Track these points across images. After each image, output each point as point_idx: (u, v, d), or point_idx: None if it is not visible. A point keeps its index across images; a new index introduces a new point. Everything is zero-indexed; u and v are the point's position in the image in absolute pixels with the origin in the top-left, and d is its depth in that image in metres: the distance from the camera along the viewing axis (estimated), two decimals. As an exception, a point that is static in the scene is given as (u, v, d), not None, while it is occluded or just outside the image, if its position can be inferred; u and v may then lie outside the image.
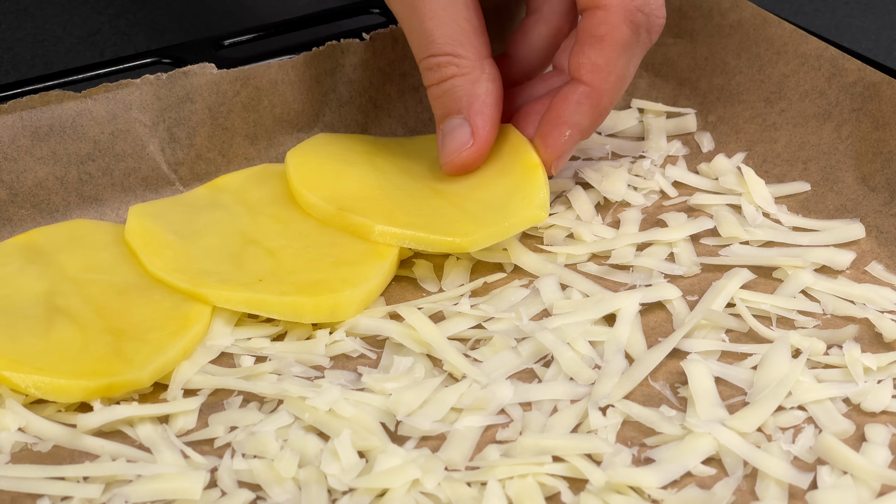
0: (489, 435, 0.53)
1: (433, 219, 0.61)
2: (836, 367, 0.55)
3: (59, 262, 0.60)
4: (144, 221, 0.62)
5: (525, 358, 0.56)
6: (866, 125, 0.65)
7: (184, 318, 0.57)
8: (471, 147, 0.62)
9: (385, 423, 0.53)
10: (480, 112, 0.62)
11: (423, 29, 0.62)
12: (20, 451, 0.53)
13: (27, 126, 0.63)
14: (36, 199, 0.63)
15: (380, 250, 0.61)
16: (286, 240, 0.61)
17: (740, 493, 0.50)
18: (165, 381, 0.55)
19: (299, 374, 0.56)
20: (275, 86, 0.67)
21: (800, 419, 0.53)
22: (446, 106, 0.62)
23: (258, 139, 0.68)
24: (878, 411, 0.53)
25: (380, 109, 0.70)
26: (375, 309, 0.59)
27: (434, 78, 0.62)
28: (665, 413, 0.53)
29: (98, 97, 0.64)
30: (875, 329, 0.58)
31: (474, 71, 0.62)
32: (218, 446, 0.52)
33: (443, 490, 0.50)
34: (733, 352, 0.56)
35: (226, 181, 0.65)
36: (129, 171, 0.65)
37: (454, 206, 0.62)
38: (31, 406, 0.54)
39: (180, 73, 0.66)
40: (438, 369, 0.56)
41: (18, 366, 0.54)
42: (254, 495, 0.50)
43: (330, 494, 0.50)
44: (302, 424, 0.53)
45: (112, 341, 0.56)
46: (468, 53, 0.62)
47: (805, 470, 0.51)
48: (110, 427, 0.53)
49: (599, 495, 0.49)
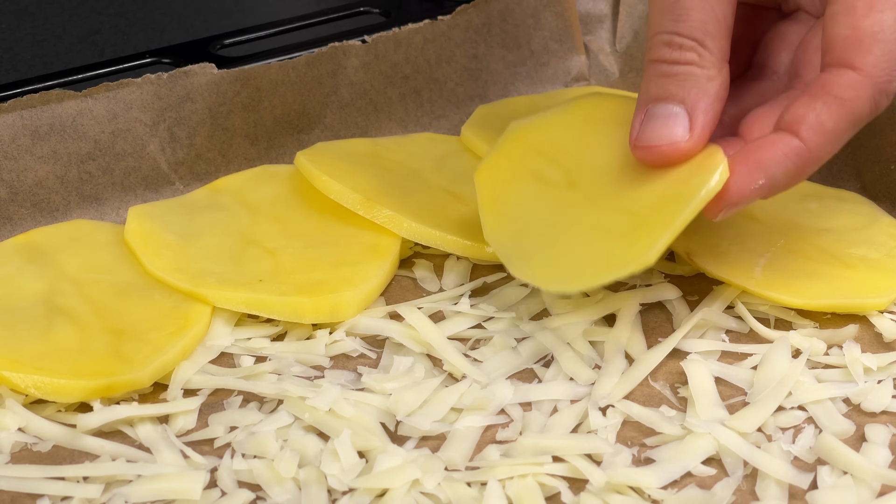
0: (489, 435, 0.53)
1: (458, 224, 0.61)
2: (836, 367, 0.56)
3: (59, 262, 0.60)
4: (144, 222, 0.62)
5: (525, 358, 0.56)
6: (864, 133, 0.65)
7: (184, 318, 0.57)
8: (686, 143, 0.54)
9: (385, 423, 0.53)
10: (706, 112, 0.55)
11: (679, 3, 0.55)
12: (20, 451, 0.52)
13: (27, 125, 0.63)
14: (36, 198, 0.63)
15: (380, 250, 0.61)
16: (286, 240, 0.61)
17: (740, 493, 0.50)
18: (165, 381, 0.55)
19: (299, 374, 0.56)
20: (275, 86, 0.67)
21: (800, 419, 0.53)
22: (668, 88, 0.55)
23: (258, 140, 0.68)
24: (878, 411, 0.53)
25: (380, 112, 0.70)
26: (375, 309, 0.59)
27: (669, 56, 0.55)
28: (665, 413, 0.53)
29: (98, 96, 0.64)
30: (875, 329, 0.58)
31: (713, 69, 0.55)
32: (218, 446, 0.52)
33: (443, 490, 0.50)
34: (733, 352, 0.56)
35: (225, 182, 0.65)
36: (129, 171, 0.65)
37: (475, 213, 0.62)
38: (31, 406, 0.54)
39: (181, 72, 0.66)
40: (438, 369, 0.56)
41: (18, 366, 0.54)
42: (254, 495, 0.50)
43: (330, 494, 0.50)
44: (302, 424, 0.53)
45: (112, 341, 0.56)
46: (715, 49, 0.55)
47: (805, 470, 0.51)
48: (110, 427, 0.53)
49: (599, 495, 0.49)
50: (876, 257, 0.60)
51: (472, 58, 0.72)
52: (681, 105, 0.55)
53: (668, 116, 0.55)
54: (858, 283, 0.58)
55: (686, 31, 0.55)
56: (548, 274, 0.55)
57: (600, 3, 0.76)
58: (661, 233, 0.53)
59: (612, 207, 0.55)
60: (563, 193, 0.57)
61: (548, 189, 0.57)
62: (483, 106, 0.71)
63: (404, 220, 0.61)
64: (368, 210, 0.61)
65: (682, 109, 0.55)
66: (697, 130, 0.54)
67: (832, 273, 0.59)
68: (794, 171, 0.54)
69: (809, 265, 0.59)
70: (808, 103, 0.53)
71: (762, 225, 0.61)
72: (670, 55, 0.55)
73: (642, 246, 0.53)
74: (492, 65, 0.73)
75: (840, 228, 0.61)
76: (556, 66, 0.75)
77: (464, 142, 0.68)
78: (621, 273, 0.53)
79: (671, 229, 0.53)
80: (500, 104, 0.71)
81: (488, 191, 0.58)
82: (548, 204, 0.57)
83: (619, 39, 0.76)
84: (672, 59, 0.55)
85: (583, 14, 0.76)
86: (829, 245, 0.60)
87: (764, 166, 0.53)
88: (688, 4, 0.55)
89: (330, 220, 0.62)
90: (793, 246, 0.60)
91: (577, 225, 0.55)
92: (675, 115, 0.55)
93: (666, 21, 0.55)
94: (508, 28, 0.73)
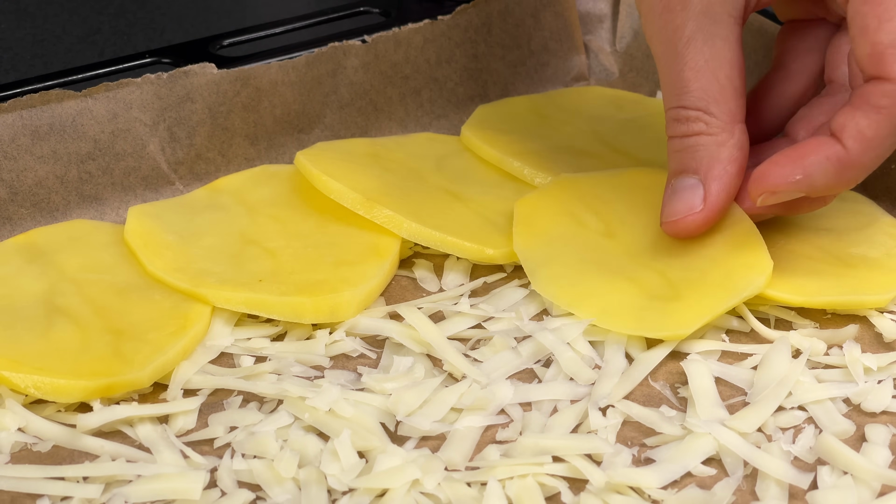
0: (489, 435, 0.53)
1: (459, 225, 0.61)
2: (837, 368, 0.56)
3: (59, 262, 0.60)
4: (144, 222, 0.62)
5: (525, 358, 0.56)
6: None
7: (183, 318, 0.57)
8: (699, 213, 0.57)
9: (385, 423, 0.53)
10: (719, 178, 0.57)
11: (680, 77, 0.58)
12: (20, 451, 0.52)
13: (27, 125, 0.63)
14: (36, 197, 0.63)
15: (380, 250, 0.61)
16: (286, 240, 0.61)
17: (740, 493, 0.50)
18: (165, 381, 0.55)
19: (299, 374, 0.55)
20: (275, 86, 0.67)
21: (800, 419, 0.53)
22: (684, 162, 0.58)
23: (258, 139, 0.68)
24: (879, 411, 0.53)
25: (380, 112, 0.70)
26: (375, 309, 0.59)
27: (679, 130, 0.58)
28: (665, 413, 0.53)
29: (98, 96, 0.64)
30: (875, 329, 0.58)
31: (723, 133, 0.57)
32: (218, 446, 0.52)
33: (443, 490, 0.50)
34: (733, 352, 0.56)
35: (225, 183, 0.65)
36: (129, 171, 0.65)
37: (476, 214, 0.62)
38: (30, 406, 0.54)
39: (180, 72, 0.66)
40: (438, 369, 0.56)
41: (18, 366, 0.54)
42: (254, 495, 0.50)
43: (330, 494, 0.50)
44: (302, 424, 0.53)
45: (112, 341, 0.56)
46: (721, 113, 0.57)
47: (805, 470, 0.51)
48: (110, 427, 0.53)
49: (599, 495, 0.49)
50: (876, 256, 0.60)
51: (472, 58, 0.72)
52: (695, 176, 0.57)
53: (685, 189, 0.58)
54: (859, 281, 0.58)
55: (690, 103, 0.57)
56: (572, 299, 0.57)
57: (600, 3, 0.76)
58: (702, 315, 0.56)
59: (646, 265, 0.58)
60: (599, 239, 0.60)
61: (584, 231, 0.60)
62: (483, 106, 0.71)
63: (404, 220, 0.61)
64: (368, 210, 0.61)
65: (697, 180, 0.57)
66: (711, 198, 0.57)
67: (832, 272, 0.59)
68: (833, 173, 0.55)
69: (810, 264, 0.59)
70: (849, 112, 0.55)
71: (762, 225, 0.61)
72: (680, 129, 0.58)
73: (680, 318, 0.56)
74: (492, 65, 0.73)
75: (840, 228, 0.61)
76: (556, 65, 0.75)
77: (464, 142, 0.68)
78: (655, 335, 0.56)
79: (711, 315, 0.56)
80: (500, 104, 0.71)
81: (525, 217, 0.61)
82: (582, 242, 0.60)
83: (619, 39, 0.76)
84: (682, 132, 0.58)
85: (583, 14, 0.76)
86: (830, 245, 0.60)
87: (804, 164, 0.55)
88: (687, 77, 0.57)
89: (330, 220, 0.62)
90: (793, 246, 0.60)
91: (608, 267, 0.58)
92: (691, 186, 0.58)
93: (671, 97, 0.58)
94: (508, 28, 0.73)
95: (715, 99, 0.57)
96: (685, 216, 0.58)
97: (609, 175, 0.63)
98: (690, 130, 0.58)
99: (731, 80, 0.57)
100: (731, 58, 0.57)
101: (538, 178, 0.65)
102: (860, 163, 0.55)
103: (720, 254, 0.58)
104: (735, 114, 0.58)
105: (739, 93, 0.58)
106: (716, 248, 0.58)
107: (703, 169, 0.57)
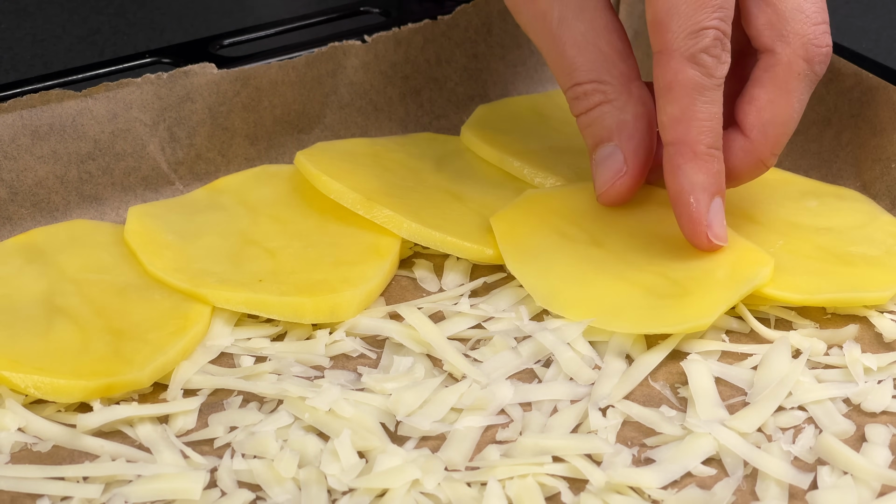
0: (489, 435, 0.53)
1: (459, 225, 0.61)
2: (836, 368, 0.56)
3: (59, 262, 0.60)
4: (144, 222, 0.62)
5: (525, 358, 0.56)
6: (865, 131, 0.65)
7: (183, 319, 0.57)
8: (625, 175, 0.59)
9: (385, 424, 0.53)
10: (632, 137, 0.59)
11: (564, 57, 0.59)
12: (20, 451, 0.52)
13: (27, 125, 0.63)
14: (36, 197, 0.63)
15: (380, 250, 0.61)
16: (286, 240, 0.61)
17: (740, 493, 0.50)
18: (165, 381, 0.55)
19: (299, 374, 0.55)
20: (275, 86, 0.67)
21: (800, 419, 0.53)
22: (596, 134, 0.60)
23: (258, 139, 0.68)
24: (879, 411, 0.53)
25: (380, 112, 0.70)
26: (375, 309, 0.59)
27: (581, 107, 0.59)
28: (665, 413, 0.53)
29: (98, 96, 0.64)
30: (875, 329, 0.58)
31: (621, 96, 0.59)
32: (218, 446, 0.52)
33: (443, 490, 0.50)
34: (733, 352, 0.56)
35: (225, 183, 0.65)
36: (129, 171, 0.65)
37: (476, 214, 0.62)
38: (30, 406, 0.54)
39: (180, 72, 0.66)
40: (438, 369, 0.56)
41: (18, 366, 0.54)
42: (254, 495, 0.50)
43: (330, 495, 0.50)
44: (302, 424, 0.53)
45: (112, 341, 0.56)
46: (613, 79, 0.59)
47: (805, 470, 0.51)
48: (110, 427, 0.53)
49: (599, 495, 0.49)
50: (876, 255, 0.60)
51: (472, 58, 0.72)
52: (610, 143, 0.59)
53: (606, 158, 0.60)
54: (859, 279, 0.58)
55: (583, 78, 0.59)
56: (579, 309, 0.57)
57: (600, 3, 0.76)
58: (718, 305, 0.56)
59: (643, 269, 0.58)
60: (588, 249, 0.60)
61: (570, 242, 0.60)
62: (483, 106, 0.70)
63: (404, 220, 0.61)
64: (368, 210, 0.61)
65: (614, 146, 0.59)
66: (631, 158, 0.59)
67: (832, 270, 0.59)
68: (751, 164, 0.59)
69: (809, 263, 0.59)
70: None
71: (761, 226, 0.61)
72: (582, 105, 0.60)
73: (696, 310, 0.56)
74: (492, 65, 0.73)
75: (840, 227, 0.62)
76: (556, 65, 0.75)
77: (464, 142, 0.68)
78: (676, 329, 0.56)
79: (727, 304, 0.56)
80: (500, 104, 0.71)
81: (507, 233, 0.61)
82: (572, 252, 0.60)
83: (619, 39, 0.76)
84: (584, 107, 0.59)
85: (583, 14, 0.76)
86: (829, 243, 0.60)
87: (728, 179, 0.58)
88: (571, 54, 0.59)
89: (330, 220, 0.62)
90: (793, 245, 0.60)
91: (606, 274, 0.58)
92: (610, 153, 0.59)
93: (564, 78, 0.60)
94: (508, 28, 0.73)
95: (604, 67, 0.59)
96: (614, 182, 0.59)
97: (578, 188, 0.63)
98: (591, 103, 0.59)
99: (613, 44, 0.59)
100: (606, 24, 0.59)
101: (538, 178, 0.65)
102: (765, 142, 0.58)
103: (719, 253, 0.58)
104: (627, 73, 0.59)
105: (626, 54, 0.59)
106: (722, 251, 0.58)
107: (615, 134, 0.59)
